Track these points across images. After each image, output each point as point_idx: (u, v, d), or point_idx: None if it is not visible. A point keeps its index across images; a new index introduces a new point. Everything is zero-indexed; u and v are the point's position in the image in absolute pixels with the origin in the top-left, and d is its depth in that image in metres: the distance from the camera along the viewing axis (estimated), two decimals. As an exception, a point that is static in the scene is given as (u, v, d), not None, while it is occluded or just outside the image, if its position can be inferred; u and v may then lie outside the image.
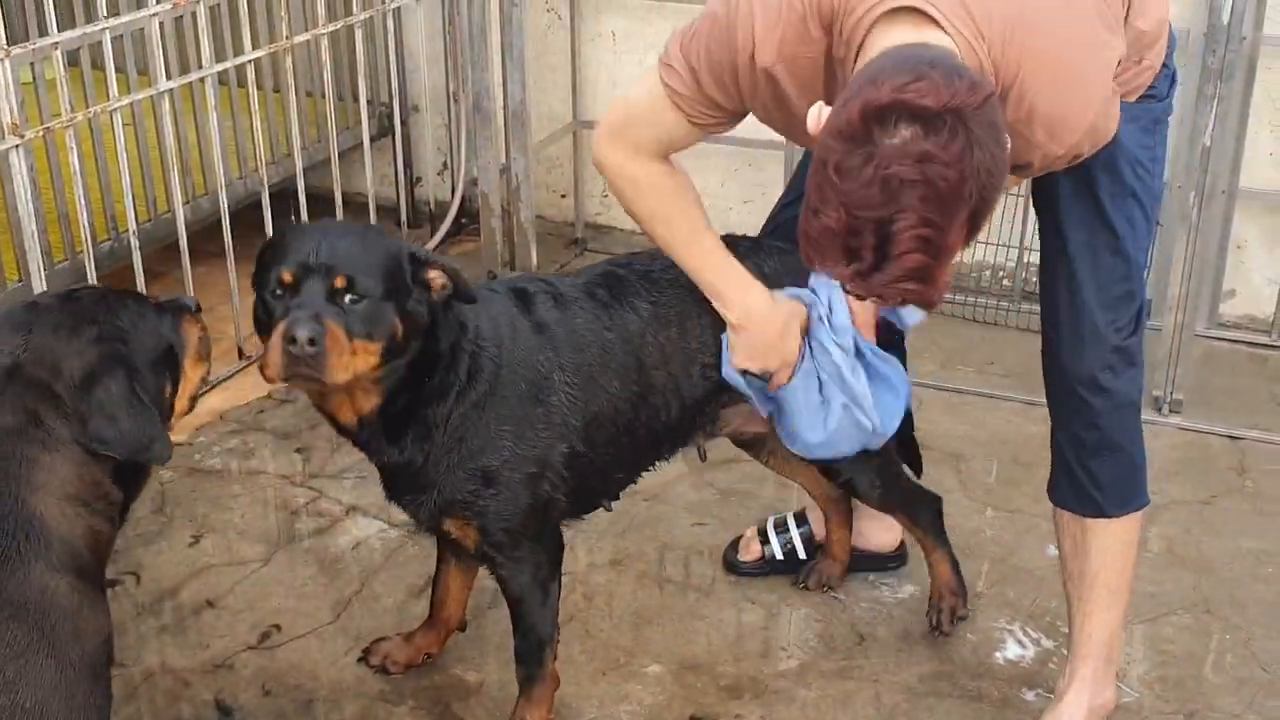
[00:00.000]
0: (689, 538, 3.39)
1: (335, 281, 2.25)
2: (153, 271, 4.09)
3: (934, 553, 3.05)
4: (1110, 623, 2.72)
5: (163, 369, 2.20)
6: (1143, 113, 2.49)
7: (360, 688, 2.92)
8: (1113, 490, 2.64)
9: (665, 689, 2.92)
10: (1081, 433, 2.62)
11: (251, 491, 3.60)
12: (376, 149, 4.90)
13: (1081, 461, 2.64)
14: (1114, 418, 2.59)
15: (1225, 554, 3.35)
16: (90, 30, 3.61)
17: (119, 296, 2.22)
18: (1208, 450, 3.78)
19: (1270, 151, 4.24)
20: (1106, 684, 2.76)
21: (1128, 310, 2.55)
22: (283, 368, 2.23)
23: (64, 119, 3.53)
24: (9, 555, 1.93)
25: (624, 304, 2.62)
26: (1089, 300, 2.53)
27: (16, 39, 4.04)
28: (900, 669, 2.97)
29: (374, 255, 2.31)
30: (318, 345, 2.20)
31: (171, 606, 3.17)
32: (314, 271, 2.26)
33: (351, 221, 2.47)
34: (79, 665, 1.95)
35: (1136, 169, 2.49)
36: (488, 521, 2.51)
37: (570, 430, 2.53)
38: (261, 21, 4.51)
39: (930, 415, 3.92)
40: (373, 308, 2.28)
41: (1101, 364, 2.55)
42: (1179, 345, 3.87)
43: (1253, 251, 4.36)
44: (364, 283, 2.27)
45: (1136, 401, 2.61)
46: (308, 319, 2.21)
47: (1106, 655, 2.74)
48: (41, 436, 2.00)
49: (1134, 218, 2.51)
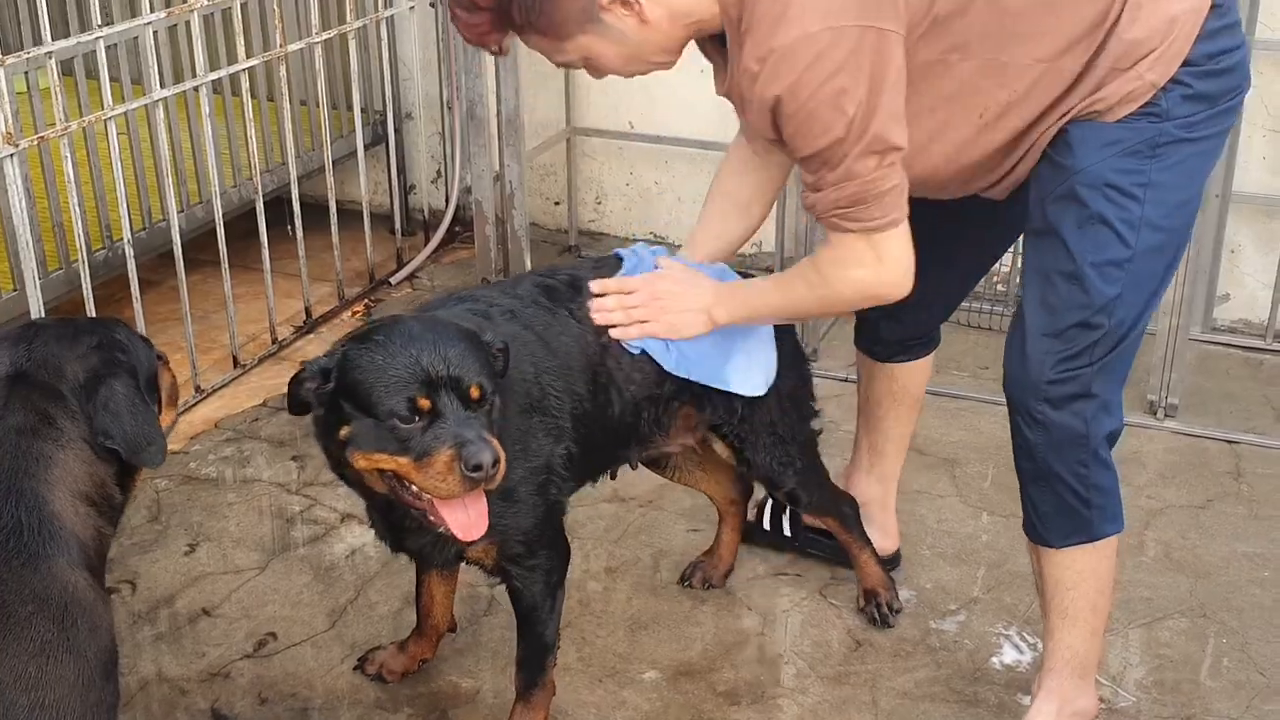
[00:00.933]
0: (684, 544, 3.39)
1: (471, 393, 2.21)
2: (147, 280, 4.09)
3: (862, 553, 3.11)
4: (1072, 643, 2.66)
5: (153, 390, 2.22)
6: (1129, 134, 2.37)
7: (356, 695, 2.91)
8: (1052, 521, 2.56)
9: (662, 695, 2.91)
10: (1020, 459, 2.56)
11: (247, 500, 3.60)
12: (370, 157, 4.91)
13: (1023, 487, 2.59)
14: (1052, 452, 2.48)
15: (1221, 558, 3.35)
16: (84, 39, 3.61)
17: (112, 320, 2.26)
18: (1203, 454, 3.79)
19: (1263, 156, 4.25)
20: (1081, 694, 2.71)
21: (1081, 341, 2.43)
22: (463, 490, 2.18)
23: (58, 128, 3.53)
24: (34, 551, 1.95)
25: (562, 310, 2.63)
26: (1031, 326, 2.46)
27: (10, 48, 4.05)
28: (896, 674, 2.97)
29: (479, 354, 2.27)
30: (500, 465, 2.17)
31: (167, 615, 3.16)
32: (445, 387, 2.20)
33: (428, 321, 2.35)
34: (94, 662, 1.97)
35: (1109, 194, 2.38)
36: (507, 537, 2.51)
37: (564, 431, 2.54)
38: (255, 30, 4.52)
39: (925, 420, 3.91)
40: (494, 405, 2.27)
41: (1036, 395, 2.46)
42: (1174, 349, 3.88)
43: (1247, 255, 4.37)
44: (490, 386, 2.25)
45: (1085, 437, 2.47)
46: (479, 442, 2.16)
47: (1073, 670, 2.68)
48: (54, 435, 2.03)
49: (1103, 245, 2.39)
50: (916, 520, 3.46)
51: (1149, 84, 2.35)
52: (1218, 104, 2.41)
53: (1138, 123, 2.38)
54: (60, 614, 1.94)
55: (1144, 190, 2.38)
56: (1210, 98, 2.39)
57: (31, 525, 1.97)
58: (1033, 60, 2.36)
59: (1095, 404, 2.46)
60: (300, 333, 4.45)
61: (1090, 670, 2.71)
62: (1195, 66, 2.36)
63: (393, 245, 4.99)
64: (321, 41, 4.35)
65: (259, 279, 4.32)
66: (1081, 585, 2.61)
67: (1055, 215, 2.43)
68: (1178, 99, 2.36)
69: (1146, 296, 2.46)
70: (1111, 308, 2.41)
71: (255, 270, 4.33)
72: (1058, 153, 2.44)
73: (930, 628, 3.11)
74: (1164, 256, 2.45)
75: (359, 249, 4.79)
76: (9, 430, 2.02)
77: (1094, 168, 2.38)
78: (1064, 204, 2.42)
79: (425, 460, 2.18)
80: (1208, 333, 4.37)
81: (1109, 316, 2.42)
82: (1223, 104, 2.42)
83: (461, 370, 2.20)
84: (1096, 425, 2.47)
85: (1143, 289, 2.44)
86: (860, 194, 2.34)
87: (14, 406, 2.03)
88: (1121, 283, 2.40)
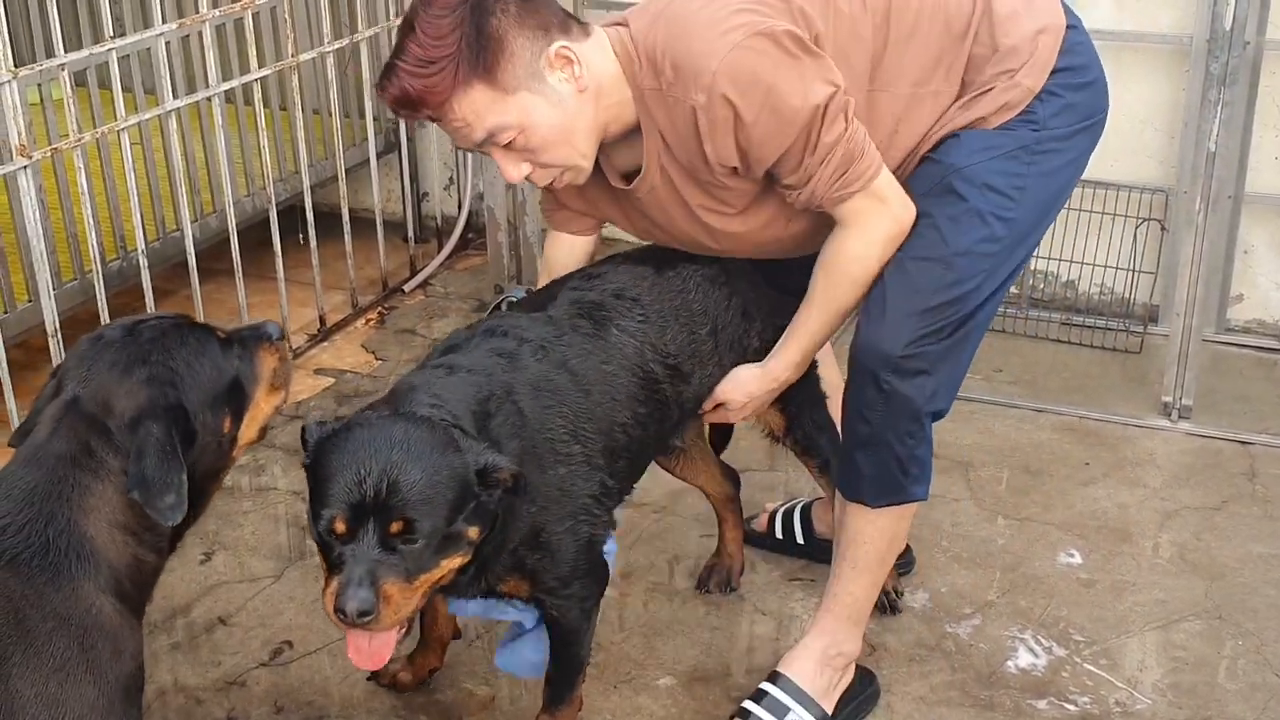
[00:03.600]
0: (699, 549, 3.39)
1: (392, 528, 2.09)
2: (162, 290, 4.10)
3: None
4: (855, 591, 2.76)
5: (222, 404, 2.17)
6: (1008, 140, 2.54)
7: (372, 704, 2.92)
8: (872, 483, 2.65)
9: (677, 701, 2.92)
10: (854, 422, 2.63)
11: (262, 508, 3.61)
12: (383, 165, 4.92)
13: (849, 447, 2.66)
14: (887, 418, 2.57)
15: (1236, 559, 3.34)
16: (97, 51, 3.62)
17: (179, 331, 2.18)
18: (1217, 455, 3.78)
19: (1276, 156, 4.24)
20: (850, 639, 2.80)
21: (938, 321, 2.53)
22: (337, 623, 2.13)
23: (72, 139, 3.54)
24: (59, 571, 1.98)
25: (611, 330, 2.59)
26: (893, 302, 2.54)
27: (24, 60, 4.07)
28: (912, 679, 2.97)
29: (437, 485, 2.13)
30: (370, 615, 2.07)
31: (183, 624, 3.17)
32: (372, 515, 2.09)
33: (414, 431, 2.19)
34: (115, 685, 1.99)
35: (986, 193, 2.53)
36: (540, 576, 2.48)
37: (596, 469, 2.49)
38: (268, 40, 4.53)
39: (939, 423, 3.90)
40: (439, 541, 2.14)
41: (888, 365, 2.54)
42: (1187, 350, 3.87)
43: (1260, 256, 4.35)
44: (427, 525, 2.11)
45: (919, 410, 2.58)
46: (355, 586, 2.07)
47: (849, 615, 2.78)
48: (94, 466, 2.04)
49: (976, 236, 2.54)
50: (931, 524, 3.46)
51: (1026, 90, 2.55)
52: (1085, 120, 2.62)
53: (1017, 129, 2.56)
54: (82, 634, 1.96)
55: (1020, 193, 2.55)
56: (1078, 111, 2.60)
57: (59, 546, 1.99)
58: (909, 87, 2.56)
59: (934, 381, 2.58)
60: (314, 341, 4.46)
61: (863, 618, 2.82)
62: (1064, 74, 2.57)
63: (406, 253, 5.00)
64: (333, 50, 4.37)
65: (273, 288, 4.33)
66: (878, 540, 2.73)
67: (930, 205, 2.56)
68: (1053, 109, 2.57)
69: (998, 290, 2.61)
70: (971, 295, 2.55)
71: (269, 279, 4.34)
72: (937, 152, 2.60)
73: (945, 632, 3.11)
74: (1020, 255, 2.63)
75: (372, 257, 4.80)
76: (51, 455, 2.04)
77: (973, 167, 2.54)
78: (941, 196, 2.55)
79: (327, 577, 2.14)
80: (1221, 333, 4.36)
81: (966, 303, 2.55)
82: (1090, 120, 2.64)
83: (397, 501, 2.09)
84: (931, 402, 2.60)
85: (998, 282, 2.60)
86: (848, 154, 2.45)
87: (61, 433, 2.06)
88: (985, 273, 2.55)
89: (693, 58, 2.41)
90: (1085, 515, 3.51)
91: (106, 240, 4.05)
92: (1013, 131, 2.55)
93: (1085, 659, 3.02)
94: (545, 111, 2.44)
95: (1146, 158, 4.35)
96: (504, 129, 2.44)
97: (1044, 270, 4.53)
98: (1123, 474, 3.69)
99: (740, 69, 2.38)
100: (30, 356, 3.96)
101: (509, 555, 2.41)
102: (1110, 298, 4.50)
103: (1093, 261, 4.43)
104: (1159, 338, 4.27)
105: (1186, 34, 4.16)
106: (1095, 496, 3.59)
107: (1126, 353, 4.30)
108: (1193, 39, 4.13)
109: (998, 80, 2.55)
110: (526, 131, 2.45)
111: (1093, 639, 3.08)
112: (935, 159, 2.59)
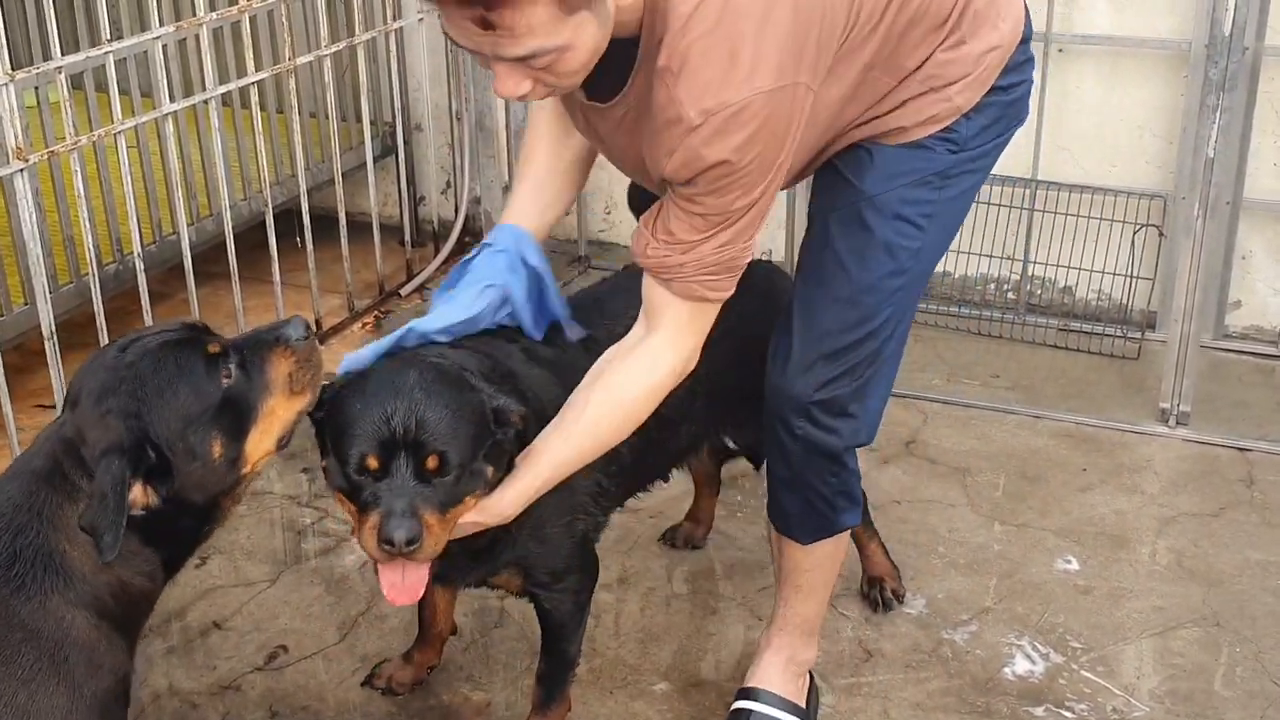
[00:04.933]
0: (695, 555, 3.39)
1: (428, 462, 2.14)
2: (158, 293, 4.10)
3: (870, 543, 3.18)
4: (804, 611, 2.77)
5: (207, 428, 2.08)
6: (923, 164, 2.40)
7: (368, 708, 2.91)
8: (799, 522, 2.63)
9: (673, 707, 2.91)
10: (774, 465, 2.59)
11: (258, 512, 3.60)
12: (380, 169, 4.91)
13: (774, 485, 2.63)
14: (806, 461, 2.53)
15: (1234, 566, 3.34)
16: (94, 54, 3.61)
17: (160, 354, 2.09)
18: (1215, 462, 3.77)
19: (1274, 162, 4.24)
20: (806, 648, 2.82)
21: (849, 361, 2.46)
22: (383, 558, 2.16)
23: (68, 142, 3.53)
24: (25, 583, 1.98)
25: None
26: (800, 344, 2.46)
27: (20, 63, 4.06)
28: (908, 685, 2.96)
29: (461, 421, 2.18)
30: (418, 543, 2.11)
31: (179, 628, 3.16)
32: (404, 450, 2.14)
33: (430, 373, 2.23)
34: (91, 699, 1.98)
35: (896, 224, 2.41)
36: (533, 568, 2.52)
37: (593, 468, 2.49)
38: (264, 43, 4.52)
39: (936, 429, 3.92)
40: (466, 475, 2.19)
41: (798, 411, 2.47)
42: (1185, 357, 3.86)
43: (1258, 262, 4.35)
44: (455, 457, 2.16)
45: (838, 452, 2.52)
46: (401, 517, 2.11)
47: (802, 631, 2.80)
48: (67, 488, 2.04)
49: (883, 270, 2.42)
50: (928, 530, 3.46)
51: (955, 108, 2.39)
52: (1003, 134, 2.49)
53: (935, 151, 2.41)
54: (53, 647, 1.97)
55: (928, 221, 2.44)
56: (999, 126, 2.47)
57: (27, 558, 1.99)
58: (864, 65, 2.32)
59: (852, 422, 2.51)
60: (311, 344, 4.44)
61: (816, 629, 2.84)
62: (997, 92, 2.42)
63: (402, 256, 4.99)
64: (330, 54, 4.36)
65: (269, 291, 4.33)
66: (819, 568, 2.73)
67: (837, 233, 2.44)
68: (976, 127, 2.42)
69: (908, 317, 2.53)
70: (879, 330, 2.46)
71: (265, 282, 4.33)
72: (849, 168, 2.44)
73: (942, 638, 3.10)
74: (926, 279, 2.54)
75: (369, 260, 4.79)
76: (30, 472, 2.05)
77: (883, 196, 2.40)
78: (848, 225, 2.43)
79: (361, 516, 2.18)
80: (1219, 340, 4.36)
81: (875, 338, 2.47)
82: (1007, 134, 2.51)
83: (427, 437, 2.14)
84: (851, 440, 2.54)
85: (907, 311, 2.52)
86: (734, 259, 2.25)
87: (43, 452, 2.07)
88: (892, 306, 2.46)
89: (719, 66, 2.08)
90: (1082, 521, 3.51)
91: (103, 243, 4.04)
92: (930, 152, 2.40)
93: (1082, 666, 3.02)
94: (593, 33, 2.06)
95: (1145, 163, 4.35)
96: (547, 51, 2.02)
97: (1041, 276, 4.53)
98: (1120, 480, 3.69)
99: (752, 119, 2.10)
100: (26, 359, 3.95)
101: (513, 543, 2.44)
102: (1108, 303, 4.49)
103: (1090, 267, 4.42)
104: (1157, 344, 4.26)
105: (1185, 39, 4.16)
106: (1093, 503, 3.59)
107: (1124, 359, 4.30)
108: (1191, 44, 4.13)
109: (933, 90, 2.37)
110: (567, 54, 2.05)
111: (1090, 646, 3.07)
112: (847, 176, 2.44)
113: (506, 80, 2.08)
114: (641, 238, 2.28)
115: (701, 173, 2.14)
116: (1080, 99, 4.36)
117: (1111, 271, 4.41)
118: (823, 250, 2.46)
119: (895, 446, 3.83)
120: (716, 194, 2.17)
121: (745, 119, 2.09)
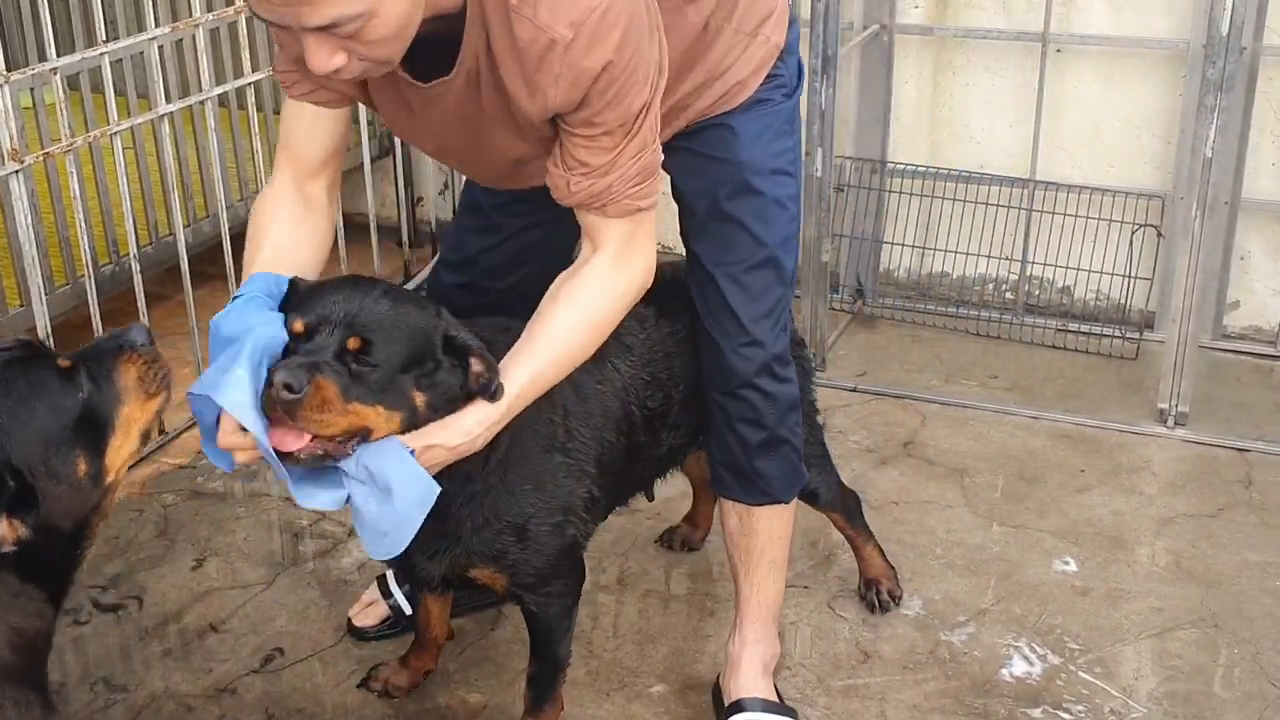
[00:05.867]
0: (694, 556, 3.38)
1: (349, 342, 2.12)
2: (154, 294, 4.09)
3: (866, 545, 3.20)
4: (775, 590, 2.85)
5: (69, 445, 1.96)
6: (772, 117, 2.56)
7: (364, 711, 2.90)
8: (780, 481, 2.73)
9: (670, 709, 2.90)
10: (749, 433, 2.67)
11: (254, 514, 3.60)
12: (377, 169, 4.90)
13: (749, 459, 2.69)
14: (778, 417, 2.67)
15: (1232, 567, 3.33)
16: (90, 55, 3.61)
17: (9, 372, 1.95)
18: (1214, 463, 3.77)
19: (1273, 162, 4.23)
20: (775, 639, 2.87)
21: (782, 308, 2.64)
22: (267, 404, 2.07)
23: (64, 143, 3.53)
24: None
25: (606, 362, 2.58)
26: (744, 314, 2.58)
27: (16, 64, 4.06)
28: (905, 687, 2.96)
29: (401, 324, 2.17)
30: (295, 393, 2.03)
31: (175, 630, 3.16)
32: (330, 326, 2.14)
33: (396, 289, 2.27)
34: None
35: (776, 178, 2.57)
36: (518, 570, 2.51)
37: (587, 475, 2.52)
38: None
39: (934, 430, 3.91)
40: (385, 377, 2.14)
41: (764, 371, 2.62)
42: (1183, 357, 3.86)
43: (1257, 262, 4.35)
44: (381, 350, 2.13)
45: (796, 399, 2.71)
46: (296, 369, 2.05)
47: (773, 616, 2.86)
48: None
49: (782, 224, 2.59)
50: (925, 531, 3.45)
51: (774, 46, 2.54)
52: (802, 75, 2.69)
53: (775, 101, 2.57)
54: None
55: (794, 165, 2.64)
56: (799, 68, 2.66)
57: None
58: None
59: (790, 366, 2.69)
60: (307, 346, 4.44)
61: (780, 614, 2.92)
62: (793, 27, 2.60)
63: (400, 257, 4.98)
64: (327, 54, 4.35)
65: (266, 292, 4.31)
66: (787, 534, 2.83)
67: (733, 208, 2.56)
68: (792, 68, 2.61)
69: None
70: (791, 271, 2.66)
71: (262, 284, 4.32)
72: (718, 149, 2.55)
73: (939, 639, 3.10)
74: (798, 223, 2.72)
75: (366, 261, 4.79)
76: None
77: (758, 157, 2.55)
78: (740, 197, 2.55)
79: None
80: (1218, 340, 4.35)
81: (785, 283, 2.64)
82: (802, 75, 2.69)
83: (359, 320, 2.14)
84: (797, 388, 2.72)
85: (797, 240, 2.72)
86: (651, 162, 2.28)
87: None
88: (794, 244, 2.66)
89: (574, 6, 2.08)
90: (1080, 522, 3.50)
91: (99, 244, 4.04)
92: (772, 104, 2.56)
93: (1080, 667, 3.01)
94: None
95: (1143, 163, 4.35)
96: (348, 19, 1.95)
97: (1039, 276, 4.53)
98: (1118, 481, 3.68)
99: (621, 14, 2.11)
100: (22, 361, 3.94)
101: (492, 533, 2.43)
102: (1106, 304, 4.49)
103: (1088, 268, 4.42)
104: (1155, 344, 4.26)
105: (1183, 39, 4.16)
106: (1090, 504, 3.58)
107: (1122, 359, 4.29)
108: (1189, 44, 4.12)
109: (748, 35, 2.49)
110: (372, 21, 1.97)
111: (1088, 647, 3.07)
112: (722, 157, 2.54)
113: (318, 53, 2.01)
114: (558, 179, 2.27)
115: (591, 85, 2.14)
116: (1078, 99, 4.35)
117: (1110, 272, 4.41)
118: (724, 224, 2.57)
119: (893, 447, 3.82)
120: (612, 104, 2.17)
121: (613, 18, 2.10)
